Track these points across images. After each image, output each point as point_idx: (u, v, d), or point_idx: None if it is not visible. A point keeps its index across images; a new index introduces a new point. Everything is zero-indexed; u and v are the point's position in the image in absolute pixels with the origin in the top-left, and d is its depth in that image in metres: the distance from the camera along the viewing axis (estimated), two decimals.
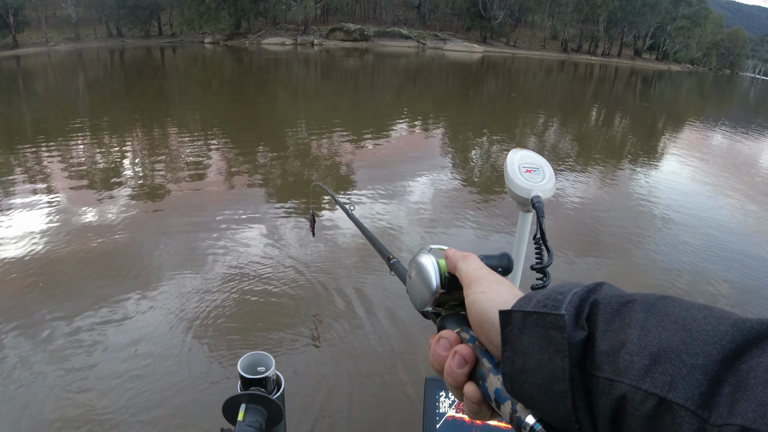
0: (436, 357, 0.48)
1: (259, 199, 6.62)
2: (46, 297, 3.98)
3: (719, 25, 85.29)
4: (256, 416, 1.26)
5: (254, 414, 1.26)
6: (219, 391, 3.01)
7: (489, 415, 0.45)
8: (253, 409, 1.27)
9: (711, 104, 30.22)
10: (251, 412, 1.26)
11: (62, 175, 7.30)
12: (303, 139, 10.75)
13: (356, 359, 3.44)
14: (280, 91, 19.14)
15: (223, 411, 1.30)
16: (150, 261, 4.65)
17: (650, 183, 8.90)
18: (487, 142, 11.80)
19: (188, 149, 9.14)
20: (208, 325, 3.66)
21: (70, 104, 14.82)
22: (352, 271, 4.57)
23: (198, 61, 33.97)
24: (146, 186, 6.96)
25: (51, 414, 2.82)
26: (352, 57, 41.15)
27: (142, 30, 52.53)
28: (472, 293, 0.46)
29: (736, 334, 0.31)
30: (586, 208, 7.08)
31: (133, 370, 3.16)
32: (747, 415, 0.27)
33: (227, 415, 1.30)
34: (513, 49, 64.75)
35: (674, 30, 71.13)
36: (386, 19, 64.92)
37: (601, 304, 0.37)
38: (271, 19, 58.29)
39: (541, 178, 1.23)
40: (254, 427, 1.22)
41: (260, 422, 1.25)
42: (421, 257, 0.52)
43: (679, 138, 15.19)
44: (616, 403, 0.33)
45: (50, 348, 3.36)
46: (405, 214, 6.24)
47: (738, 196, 8.57)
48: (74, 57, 34.95)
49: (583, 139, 13.49)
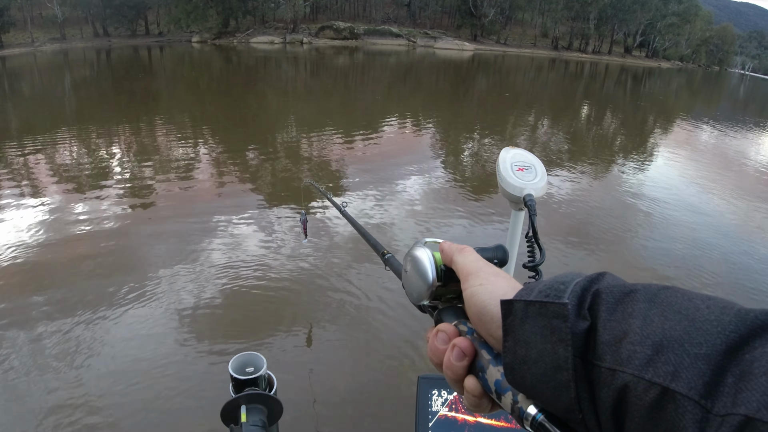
0: (435, 350, 0.47)
1: (250, 199, 6.57)
2: (36, 298, 3.95)
3: (708, 22, 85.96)
4: (258, 415, 1.27)
5: (256, 413, 1.27)
6: (211, 388, 3.01)
7: (489, 407, 0.45)
8: (253, 408, 1.28)
9: (701, 101, 30.59)
10: (253, 412, 1.27)
11: (51, 176, 7.20)
12: (293, 138, 10.70)
13: (349, 358, 3.45)
14: (269, 91, 19.06)
15: (222, 416, 1.29)
16: (141, 262, 4.62)
17: (640, 178, 8.98)
18: (478, 139, 11.83)
19: (177, 151, 9.04)
20: (201, 325, 3.64)
21: (56, 105, 14.64)
22: (345, 269, 4.57)
23: (186, 60, 33.70)
24: (136, 188, 6.88)
25: (40, 416, 2.80)
26: (342, 55, 41.06)
27: (128, 29, 52.07)
28: (470, 286, 0.46)
29: (739, 324, 0.31)
30: (576, 202, 7.15)
31: (125, 370, 3.16)
32: (750, 404, 0.27)
33: (226, 419, 1.30)
34: (504, 47, 64.89)
35: (664, 27, 71.55)
36: (376, 17, 64.80)
37: (603, 294, 0.37)
38: (260, 18, 57.98)
39: (533, 177, 1.24)
40: (259, 426, 1.24)
41: (263, 420, 1.27)
42: (416, 250, 0.52)
43: (670, 134, 15.31)
44: (618, 392, 0.33)
45: (42, 348, 3.33)
46: (398, 210, 6.25)
47: (725, 190, 8.66)
48: (60, 57, 34.58)
49: (574, 136, 13.56)
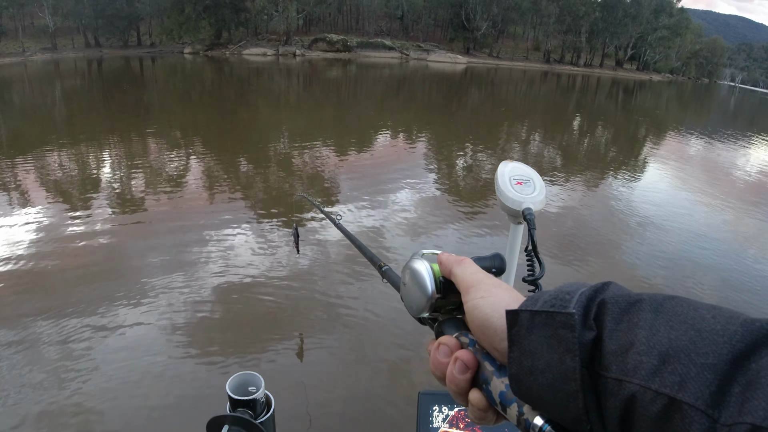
0: (437, 364, 0.47)
1: (242, 212, 6.44)
2: (28, 308, 3.89)
3: (698, 35, 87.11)
4: None
5: None
6: (206, 401, 2.97)
7: (494, 419, 0.45)
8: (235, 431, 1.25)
9: (692, 113, 30.99)
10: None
11: (40, 186, 7.09)
12: (286, 151, 10.58)
13: (348, 374, 3.42)
14: (261, 103, 18.95)
15: (207, 428, 1.29)
16: (130, 274, 4.56)
17: (633, 189, 9.07)
18: (472, 152, 11.76)
19: (168, 164, 8.87)
20: (194, 337, 3.60)
21: (46, 115, 14.41)
22: (341, 283, 4.51)
23: (178, 71, 33.57)
24: (128, 200, 6.75)
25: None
26: (334, 68, 41.09)
27: (120, 40, 51.88)
28: (472, 298, 0.45)
29: (745, 334, 0.31)
30: (571, 213, 7.21)
31: (120, 381, 3.12)
32: (758, 413, 0.27)
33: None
34: (496, 60, 65.26)
35: (655, 40, 72.33)
36: (369, 30, 65.05)
37: (608, 304, 0.37)
38: (253, 30, 57.97)
39: (531, 190, 1.23)
40: None
41: None
42: (414, 263, 0.51)
43: (663, 146, 15.41)
44: (625, 403, 0.33)
45: (36, 360, 3.27)
46: (394, 222, 6.18)
47: (715, 199, 8.81)
48: (51, 67, 34.29)
49: (567, 148, 13.59)
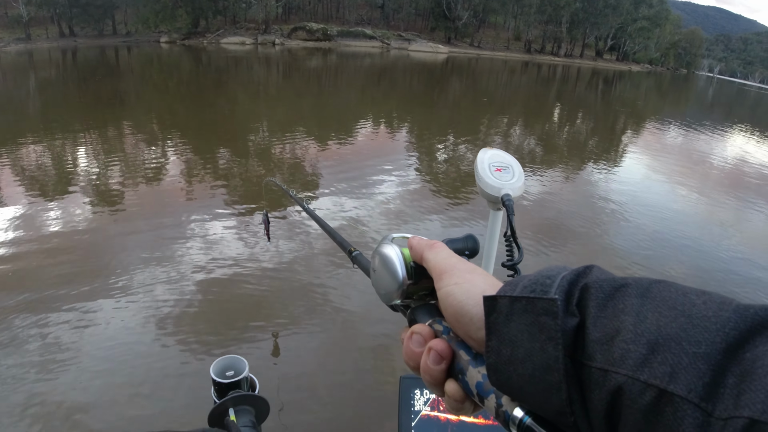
0: (410, 354, 0.45)
1: (218, 200, 6.37)
2: (8, 302, 3.82)
3: (677, 26, 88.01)
4: (248, 416, 1.26)
5: (245, 414, 1.26)
6: (188, 390, 2.97)
7: (472, 409, 0.43)
8: (242, 410, 1.26)
9: (670, 103, 31.53)
10: (241, 414, 1.25)
11: (15, 180, 6.96)
12: (264, 140, 10.53)
13: (330, 358, 3.43)
14: (240, 93, 18.71)
15: (209, 421, 1.28)
16: (109, 265, 4.49)
17: (611, 177, 9.26)
18: (453, 140, 11.84)
19: (144, 154, 8.76)
20: (175, 326, 3.58)
21: (19, 107, 14.05)
22: (317, 268, 4.52)
23: (154, 61, 32.90)
24: (104, 190, 6.68)
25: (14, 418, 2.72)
26: (315, 57, 40.65)
27: (95, 29, 50.56)
28: (445, 285, 0.43)
29: (739, 321, 0.29)
30: (551, 199, 7.35)
31: (102, 372, 3.10)
32: (755, 406, 0.25)
33: (214, 423, 1.28)
34: (477, 50, 65.28)
35: (635, 31, 73.00)
36: (349, 19, 64.54)
37: (591, 289, 0.35)
38: (231, 18, 56.99)
39: (510, 177, 1.26)
40: (250, 426, 1.23)
41: (252, 420, 1.26)
42: (383, 248, 0.49)
43: (641, 135, 15.71)
44: (611, 395, 0.31)
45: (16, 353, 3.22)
46: (370, 208, 6.24)
47: (690, 187, 9.03)
48: (25, 58, 33.37)
49: (547, 137, 13.75)
